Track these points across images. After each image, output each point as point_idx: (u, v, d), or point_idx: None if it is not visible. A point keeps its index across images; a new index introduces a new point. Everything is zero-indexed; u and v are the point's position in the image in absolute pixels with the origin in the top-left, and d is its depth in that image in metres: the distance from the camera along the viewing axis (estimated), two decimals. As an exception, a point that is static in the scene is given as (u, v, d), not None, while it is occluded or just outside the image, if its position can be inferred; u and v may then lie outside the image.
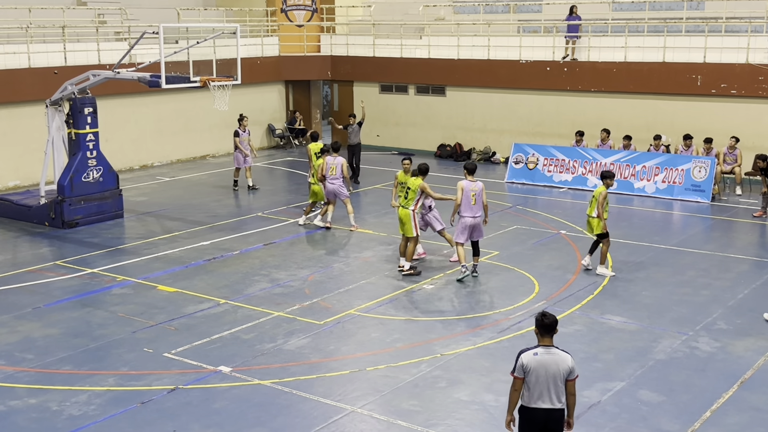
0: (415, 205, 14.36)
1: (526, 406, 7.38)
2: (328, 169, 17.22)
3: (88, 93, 18.17)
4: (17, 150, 21.82)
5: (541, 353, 7.31)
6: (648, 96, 23.28)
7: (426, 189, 14.33)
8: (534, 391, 7.29)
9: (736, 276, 14.38)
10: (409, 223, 14.29)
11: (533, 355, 7.30)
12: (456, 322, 12.28)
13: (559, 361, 7.29)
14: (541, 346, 7.35)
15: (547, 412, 7.31)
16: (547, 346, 7.35)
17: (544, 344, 7.36)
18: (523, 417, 7.43)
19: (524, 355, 7.33)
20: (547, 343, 7.37)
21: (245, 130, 21.71)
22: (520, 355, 7.35)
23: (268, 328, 12.06)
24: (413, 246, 14.43)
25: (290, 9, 29.44)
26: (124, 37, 24.96)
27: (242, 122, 21.84)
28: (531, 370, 7.26)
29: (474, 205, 13.84)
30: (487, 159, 25.98)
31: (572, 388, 7.35)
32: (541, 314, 7.42)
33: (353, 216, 17.48)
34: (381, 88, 28.32)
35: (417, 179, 14.36)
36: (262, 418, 9.40)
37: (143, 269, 14.84)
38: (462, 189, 13.82)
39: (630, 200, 20.44)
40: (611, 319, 12.35)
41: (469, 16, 28.46)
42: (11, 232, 17.65)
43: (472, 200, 13.83)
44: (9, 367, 10.68)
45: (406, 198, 14.42)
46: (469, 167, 14.07)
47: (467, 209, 13.84)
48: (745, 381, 10.30)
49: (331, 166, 17.21)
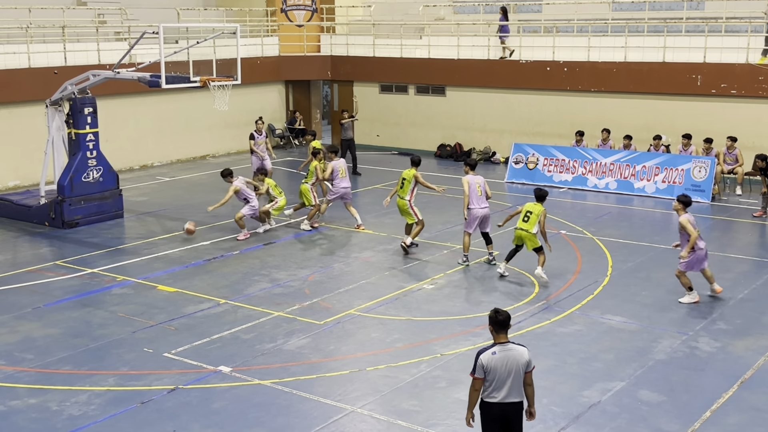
0: (411, 194, 15.57)
1: (486, 401, 7.49)
2: (338, 172, 17.29)
3: (88, 93, 18.17)
4: (17, 150, 21.82)
5: (499, 351, 7.39)
6: (648, 96, 23.28)
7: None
8: (494, 387, 7.40)
9: (736, 276, 14.37)
10: (408, 211, 15.62)
11: (492, 354, 7.38)
12: (456, 322, 12.28)
13: (518, 356, 7.40)
14: (498, 344, 7.43)
15: (508, 405, 7.45)
16: (504, 343, 7.44)
17: (500, 341, 7.44)
18: (484, 411, 7.55)
19: (483, 355, 7.39)
20: (503, 340, 7.45)
21: (262, 133, 21.23)
22: (479, 355, 7.41)
23: (268, 328, 12.06)
24: (419, 228, 15.68)
25: (290, 9, 29.45)
26: (124, 37, 24.96)
27: (258, 124, 21.44)
28: (490, 369, 7.36)
29: (480, 196, 14.87)
30: (487, 159, 25.97)
31: (530, 379, 7.49)
32: (494, 311, 7.53)
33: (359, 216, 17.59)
34: (381, 88, 28.32)
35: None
36: (262, 418, 9.40)
37: (143, 269, 14.84)
38: (468, 183, 14.79)
39: (630, 200, 20.44)
40: (611, 319, 12.35)
41: (469, 16, 28.47)
42: (11, 232, 17.65)
43: (479, 192, 14.85)
44: (9, 367, 10.68)
45: (402, 188, 15.63)
46: (471, 163, 15.20)
47: (476, 201, 14.80)
48: (745, 381, 10.30)
49: (341, 169, 17.31)
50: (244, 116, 27.62)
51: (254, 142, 21.06)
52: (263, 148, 21.15)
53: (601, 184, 21.40)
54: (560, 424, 9.20)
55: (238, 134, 27.84)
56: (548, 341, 11.55)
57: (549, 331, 11.89)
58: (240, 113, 26.91)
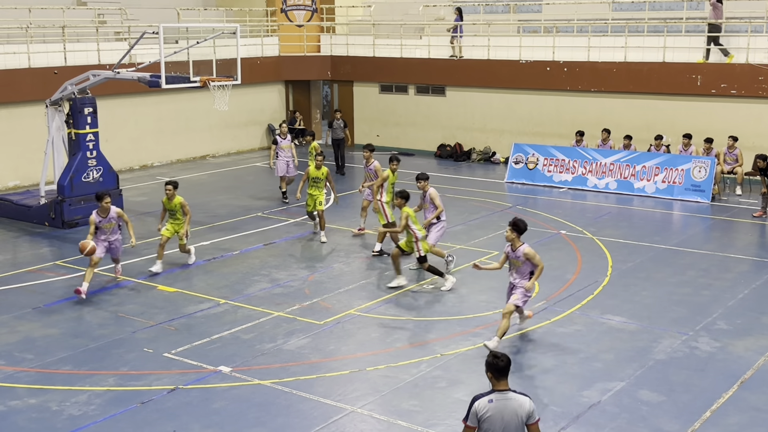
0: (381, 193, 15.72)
1: None
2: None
3: (88, 93, 18.17)
4: (17, 150, 21.83)
5: (497, 399, 6.56)
6: (648, 96, 23.28)
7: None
8: None
9: (736, 276, 14.37)
10: (379, 210, 15.78)
11: (488, 402, 6.55)
12: (456, 322, 12.28)
13: (517, 407, 6.56)
14: (496, 391, 6.60)
15: None
16: (503, 390, 6.60)
17: (499, 389, 6.61)
18: None
19: (478, 402, 6.58)
20: (503, 387, 6.61)
21: (285, 137, 20.11)
22: (474, 401, 6.61)
23: (268, 328, 12.05)
24: (384, 232, 15.28)
25: (290, 9, 29.45)
26: (124, 37, 24.97)
27: (281, 128, 20.61)
28: (486, 419, 6.54)
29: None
30: (487, 159, 25.98)
31: (536, 431, 6.66)
32: (492, 356, 6.68)
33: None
34: (381, 88, 28.32)
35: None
36: (262, 418, 9.40)
37: (143, 269, 14.84)
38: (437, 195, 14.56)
39: (630, 200, 20.44)
40: (611, 319, 12.35)
41: (469, 16, 28.46)
42: (11, 232, 17.65)
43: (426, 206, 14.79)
44: (9, 367, 10.68)
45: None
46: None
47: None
48: (745, 381, 10.30)
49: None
50: (244, 116, 27.66)
51: (276, 147, 19.90)
52: (288, 152, 19.87)
53: (601, 184, 21.40)
54: (560, 424, 9.20)
55: (238, 134, 27.87)
56: (548, 341, 11.55)
57: (549, 331, 11.88)
58: (240, 113, 26.94)
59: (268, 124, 28.93)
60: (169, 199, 14.71)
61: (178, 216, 14.84)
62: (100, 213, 13.64)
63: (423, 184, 14.61)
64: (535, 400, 6.71)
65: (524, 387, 10.10)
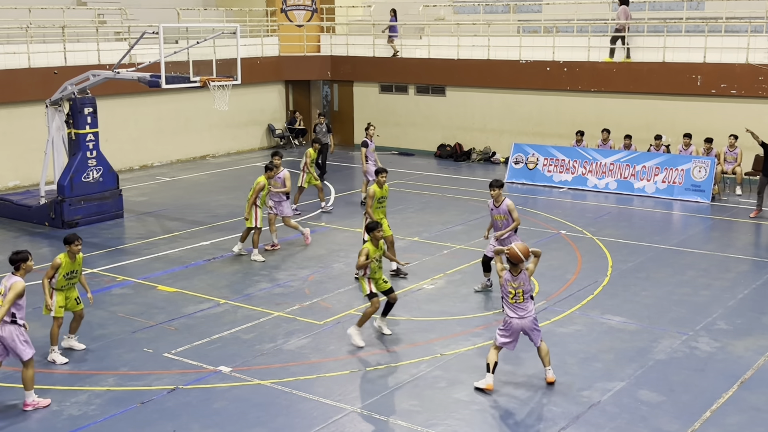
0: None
1: None
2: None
3: (88, 93, 18.17)
4: (17, 150, 21.83)
5: None
6: (648, 96, 23.27)
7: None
8: None
9: (736, 276, 14.37)
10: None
11: None
12: (456, 322, 12.28)
13: None
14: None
15: None
16: None
17: None
18: None
19: None
20: None
21: (372, 140, 19.69)
22: None
23: (268, 328, 12.06)
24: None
25: (290, 9, 29.45)
26: (124, 37, 24.96)
27: (368, 131, 19.89)
28: None
29: None
30: (487, 159, 25.98)
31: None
32: None
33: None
34: (381, 88, 28.32)
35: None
36: (262, 418, 9.40)
37: (143, 269, 14.84)
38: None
39: (630, 200, 20.44)
40: (611, 319, 12.35)
41: (469, 16, 28.47)
42: (11, 232, 17.65)
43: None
44: (9, 367, 10.66)
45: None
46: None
47: None
48: (745, 381, 10.30)
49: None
50: (244, 116, 27.66)
51: (367, 150, 19.54)
52: (374, 156, 19.72)
53: (601, 184, 21.40)
54: (560, 424, 9.20)
55: (238, 134, 27.87)
56: (548, 341, 11.49)
57: (549, 331, 11.87)
58: (240, 113, 26.94)
59: (268, 124, 28.93)
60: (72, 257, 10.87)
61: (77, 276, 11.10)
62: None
63: (497, 192, 12.80)
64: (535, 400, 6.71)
65: (524, 387, 10.12)
